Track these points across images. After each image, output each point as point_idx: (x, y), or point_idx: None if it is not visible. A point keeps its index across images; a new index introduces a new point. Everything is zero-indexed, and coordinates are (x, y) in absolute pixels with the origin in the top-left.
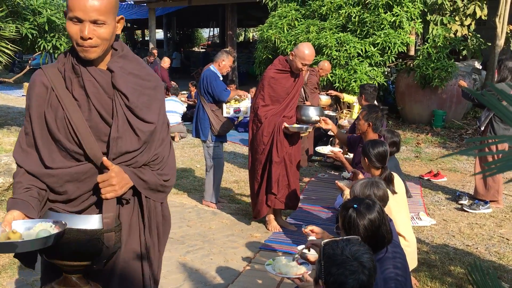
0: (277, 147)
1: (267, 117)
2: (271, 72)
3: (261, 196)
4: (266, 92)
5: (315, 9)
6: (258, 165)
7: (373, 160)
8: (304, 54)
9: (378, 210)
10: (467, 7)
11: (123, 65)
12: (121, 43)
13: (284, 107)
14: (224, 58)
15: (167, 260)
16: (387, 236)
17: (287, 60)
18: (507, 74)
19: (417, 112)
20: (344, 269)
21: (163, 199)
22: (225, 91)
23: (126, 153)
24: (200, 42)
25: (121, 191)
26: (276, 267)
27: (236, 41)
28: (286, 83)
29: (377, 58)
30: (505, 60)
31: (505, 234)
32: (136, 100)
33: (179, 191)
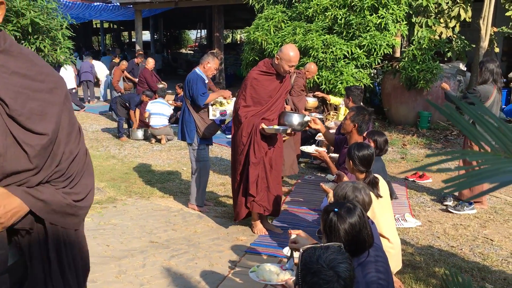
0: (254, 148)
1: (247, 117)
2: (254, 73)
3: (240, 197)
4: (247, 93)
5: (302, 11)
6: (238, 165)
7: (358, 163)
8: (289, 56)
9: (359, 214)
10: (451, 9)
11: (4, 62)
12: (4, 34)
13: (266, 110)
14: (209, 61)
15: (151, 265)
16: (368, 240)
17: (273, 63)
18: (489, 76)
19: (403, 114)
20: (318, 278)
21: (76, 225)
22: (202, 95)
23: (13, 174)
24: (187, 43)
25: (10, 221)
26: (260, 274)
27: (223, 42)
28: (269, 85)
29: (363, 60)
30: (486, 62)
31: (489, 235)
32: (21, 107)
33: (165, 194)
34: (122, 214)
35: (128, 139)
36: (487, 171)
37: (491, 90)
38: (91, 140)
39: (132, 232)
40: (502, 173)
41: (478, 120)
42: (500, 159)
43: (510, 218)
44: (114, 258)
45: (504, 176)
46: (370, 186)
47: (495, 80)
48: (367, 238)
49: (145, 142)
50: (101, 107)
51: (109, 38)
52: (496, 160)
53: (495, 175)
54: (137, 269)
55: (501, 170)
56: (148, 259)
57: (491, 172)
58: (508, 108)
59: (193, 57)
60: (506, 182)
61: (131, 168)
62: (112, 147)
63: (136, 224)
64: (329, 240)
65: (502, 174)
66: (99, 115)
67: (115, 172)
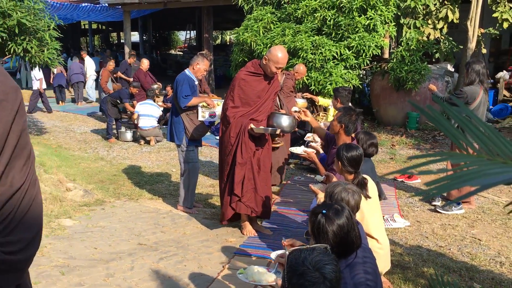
0: (241, 149)
1: (235, 118)
2: (242, 74)
3: (226, 197)
4: (236, 93)
5: (291, 12)
6: (226, 166)
7: (346, 164)
8: (277, 58)
9: (347, 215)
10: (439, 10)
11: None
12: None
13: (254, 111)
14: (198, 62)
15: (140, 268)
16: (356, 241)
17: (261, 64)
18: (475, 77)
19: (391, 114)
20: (304, 279)
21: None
22: (184, 97)
23: None
24: (176, 44)
25: None
26: (249, 275)
27: (212, 43)
28: (257, 86)
29: (352, 61)
30: (472, 63)
31: (477, 234)
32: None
33: (153, 196)
34: (110, 216)
35: (117, 141)
36: (469, 174)
37: (477, 90)
38: (79, 142)
39: (121, 235)
40: (484, 175)
41: (461, 122)
42: (483, 161)
43: (497, 218)
44: (102, 261)
45: (486, 179)
46: (359, 187)
47: (482, 81)
48: (355, 240)
49: (134, 144)
50: (89, 108)
51: (97, 39)
52: (479, 162)
53: (477, 177)
54: (125, 272)
55: (483, 173)
56: (137, 262)
57: (473, 174)
58: (496, 108)
59: (182, 58)
60: (487, 185)
61: (119, 170)
62: (101, 149)
63: (125, 226)
64: (317, 241)
65: (484, 176)
66: (87, 116)
67: (103, 174)
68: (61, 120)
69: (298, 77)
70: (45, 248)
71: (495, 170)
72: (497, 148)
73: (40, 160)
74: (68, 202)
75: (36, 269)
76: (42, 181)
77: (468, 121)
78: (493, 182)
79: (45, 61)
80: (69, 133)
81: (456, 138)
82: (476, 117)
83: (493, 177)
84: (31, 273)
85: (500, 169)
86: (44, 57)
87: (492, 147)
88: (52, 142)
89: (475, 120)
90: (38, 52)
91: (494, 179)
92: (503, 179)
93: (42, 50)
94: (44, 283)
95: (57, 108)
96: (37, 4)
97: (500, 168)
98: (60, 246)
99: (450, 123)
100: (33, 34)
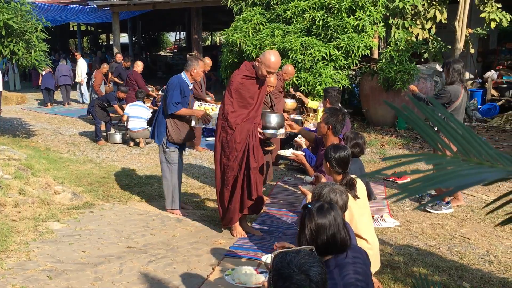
0: (253, 153)
1: (238, 123)
2: (238, 78)
3: (234, 203)
4: (234, 98)
5: (280, 13)
6: (230, 172)
7: (334, 165)
8: (269, 62)
9: (334, 215)
10: (427, 11)
11: None
12: None
13: (254, 114)
14: (195, 66)
15: (128, 271)
16: (345, 241)
17: (254, 65)
18: (456, 76)
19: (381, 114)
20: (290, 282)
21: None
22: (175, 105)
23: None
24: (166, 46)
25: None
26: (236, 276)
27: (202, 45)
28: (253, 88)
29: (341, 61)
30: (452, 63)
31: (466, 233)
32: None
33: (143, 198)
34: (99, 219)
35: (106, 143)
36: (443, 175)
37: (459, 89)
38: (68, 144)
39: (109, 238)
40: (457, 176)
41: (437, 123)
42: (458, 162)
43: (486, 217)
44: (90, 264)
45: (460, 180)
46: (347, 187)
47: (462, 80)
48: (341, 240)
49: (123, 146)
50: (79, 110)
51: (86, 41)
52: (453, 163)
53: (452, 178)
54: (114, 276)
55: (457, 174)
56: (125, 265)
57: (447, 175)
58: (484, 107)
59: (172, 60)
60: (461, 186)
61: (109, 172)
62: (90, 151)
63: (113, 229)
64: (300, 233)
65: (458, 177)
66: (76, 119)
67: (92, 176)
68: (50, 123)
69: (286, 78)
70: (33, 252)
71: (469, 171)
72: (473, 148)
73: (27, 163)
74: (56, 205)
75: (24, 273)
76: (30, 184)
77: (444, 121)
78: (467, 183)
79: (32, 63)
80: (58, 136)
81: (432, 139)
82: (452, 117)
83: (468, 178)
84: (18, 278)
85: (475, 170)
86: (32, 59)
87: (468, 148)
88: (40, 145)
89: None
90: (25, 54)
91: (468, 180)
92: (478, 180)
93: (29, 52)
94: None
95: (45, 111)
96: (24, 5)
97: (475, 169)
98: (48, 250)
99: (425, 124)
100: (20, 36)
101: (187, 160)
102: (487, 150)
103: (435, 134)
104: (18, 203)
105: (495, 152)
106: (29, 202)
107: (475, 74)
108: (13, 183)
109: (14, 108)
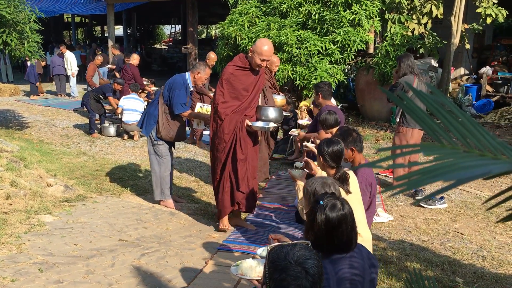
0: (241, 144)
1: (227, 114)
2: (230, 69)
3: (221, 195)
4: (225, 88)
5: (276, 7)
6: (218, 163)
7: (328, 159)
8: (262, 50)
9: (347, 212)
10: (423, 5)
11: None
12: None
13: (246, 106)
14: (200, 71)
15: (120, 264)
16: (353, 241)
17: (247, 57)
18: (406, 69)
19: (376, 109)
20: (286, 274)
21: None
22: (182, 106)
23: None
24: (161, 38)
25: None
26: (240, 267)
27: (197, 38)
28: (246, 80)
29: (337, 55)
30: (402, 57)
31: (460, 228)
32: None
33: (136, 191)
34: (91, 212)
35: (100, 136)
36: (442, 167)
37: (412, 79)
38: (61, 137)
39: (102, 231)
40: (459, 169)
41: (435, 110)
42: (458, 153)
43: (480, 212)
44: (82, 257)
45: (461, 173)
46: (340, 181)
47: (413, 72)
48: (349, 239)
49: (117, 139)
50: (73, 103)
51: (81, 33)
52: (454, 155)
53: (452, 171)
54: (105, 269)
55: (458, 166)
56: (118, 258)
57: (447, 168)
58: (479, 103)
59: (167, 53)
60: (463, 180)
61: (102, 165)
62: (83, 144)
63: (106, 222)
64: (309, 228)
65: (459, 170)
66: (70, 111)
67: (85, 169)
68: (43, 115)
69: (275, 69)
70: (24, 245)
71: (472, 163)
72: (475, 138)
73: (20, 155)
74: (49, 198)
75: (14, 266)
76: (22, 177)
77: (443, 109)
78: (470, 176)
79: (25, 54)
80: (51, 128)
81: (431, 129)
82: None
83: (470, 171)
84: (8, 271)
85: (477, 161)
86: (25, 50)
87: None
88: (34, 137)
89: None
90: (18, 45)
91: (471, 173)
92: (481, 173)
93: (22, 43)
94: (22, 281)
95: (39, 102)
96: None
97: (477, 160)
98: (39, 242)
99: (424, 112)
100: (13, 26)
101: (181, 153)
102: (489, 140)
103: (435, 123)
104: (10, 195)
105: (498, 142)
106: (21, 195)
107: (470, 70)
108: (5, 175)
109: (7, 99)
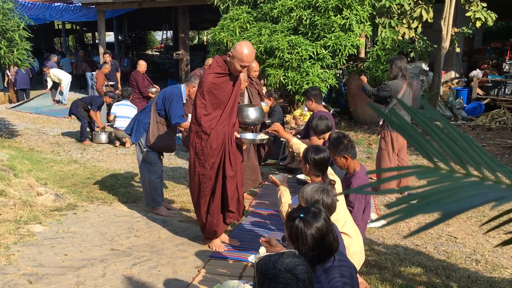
0: (230, 160)
1: (213, 128)
2: (210, 78)
3: (216, 215)
4: (207, 99)
5: (267, 12)
6: (207, 181)
7: (314, 167)
8: (242, 55)
9: (324, 218)
10: (414, 10)
11: None
12: None
13: (228, 114)
14: (195, 84)
15: (112, 274)
16: (334, 244)
17: (225, 60)
18: (398, 72)
19: (368, 113)
20: (276, 282)
21: None
22: (180, 117)
23: None
24: (153, 45)
25: None
26: None
27: (189, 44)
28: (227, 87)
29: (328, 60)
30: (394, 59)
31: (453, 232)
32: None
33: (128, 199)
34: (82, 221)
35: (91, 143)
36: (439, 193)
37: (401, 84)
38: (52, 145)
39: (93, 240)
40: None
41: (427, 128)
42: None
43: (472, 215)
44: (72, 268)
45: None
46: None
47: (404, 76)
48: (334, 242)
49: (109, 146)
50: (64, 110)
51: (72, 40)
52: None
53: (450, 202)
54: (96, 279)
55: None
56: (109, 268)
57: (442, 194)
58: (470, 106)
59: (159, 59)
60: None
61: (93, 172)
62: (74, 151)
63: (97, 231)
64: (296, 246)
65: (457, 199)
66: (61, 118)
67: (76, 177)
68: (34, 122)
69: (254, 75)
70: (13, 255)
71: (470, 192)
72: (470, 158)
73: (10, 164)
74: (39, 207)
75: (3, 278)
76: (12, 186)
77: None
78: (470, 206)
79: (15, 62)
80: (42, 136)
81: (423, 147)
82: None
83: (468, 200)
84: None
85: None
86: (14, 58)
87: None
88: (24, 145)
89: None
90: (7, 53)
91: (471, 203)
92: (482, 202)
93: (11, 50)
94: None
95: (29, 110)
96: (6, 3)
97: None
98: (29, 253)
99: (413, 128)
100: (2, 34)
101: (173, 160)
102: (486, 160)
103: (426, 141)
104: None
105: (496, 163)
106: (11, 204)
107: (460, 73)
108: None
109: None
